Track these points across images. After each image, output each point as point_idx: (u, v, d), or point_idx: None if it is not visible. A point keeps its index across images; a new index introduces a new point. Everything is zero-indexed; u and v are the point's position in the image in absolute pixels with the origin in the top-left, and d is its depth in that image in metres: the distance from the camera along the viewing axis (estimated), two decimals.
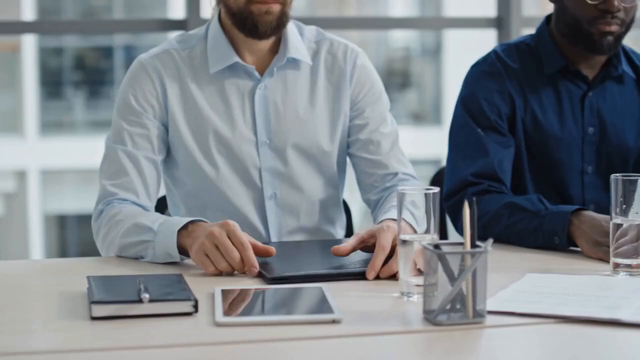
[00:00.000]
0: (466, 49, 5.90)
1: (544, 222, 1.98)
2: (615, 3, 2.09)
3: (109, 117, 2.24)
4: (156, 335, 1.45)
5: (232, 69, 2.10)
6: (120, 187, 2.04)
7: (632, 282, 1.71)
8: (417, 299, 1.58)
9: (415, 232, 1.79)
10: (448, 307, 1.47)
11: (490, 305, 1.53)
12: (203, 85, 2.10)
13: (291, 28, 2.12)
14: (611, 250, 1.78)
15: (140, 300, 1.52)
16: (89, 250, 2.21)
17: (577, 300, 1.56)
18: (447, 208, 2.16)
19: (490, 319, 1.48)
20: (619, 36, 2.15)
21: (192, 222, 1.87)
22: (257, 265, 1.76)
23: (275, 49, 2.13)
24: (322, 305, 1.54)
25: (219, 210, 2.10)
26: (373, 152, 2.16)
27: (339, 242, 1.96)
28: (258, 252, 1.79)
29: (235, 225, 1.79)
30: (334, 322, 1.48)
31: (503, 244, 2.04)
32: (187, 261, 1.88)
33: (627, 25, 2.15)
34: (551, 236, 1.97)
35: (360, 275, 1.74)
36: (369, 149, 2.16)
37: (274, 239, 2.14)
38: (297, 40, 2.13)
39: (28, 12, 10.40)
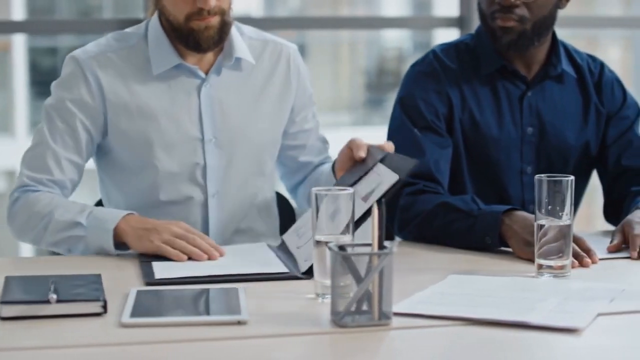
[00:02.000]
0: None
1: (476, 222, 1.96)
2: None
3: None
4: (63, 335, 1.44)
5: (176, 68, 2.09)
6: (39, 182, 2.05)
7: (553, 283, 1.69)
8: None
9: None
10: (353, 308, 1.45)
11: (401, 307, 1.52)
12: (146, 84, 2.08)
13: (232, 28, 2.12)
14: (535, 251, 1.76)
15: (47, 301, 1.51)
16: None
17: (492, 302, 1.55)
18: None
19: (397, 321, 1.47)
20: (523, 33, 2.11)
21: (126, 215, 1.94)
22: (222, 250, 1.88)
23: (218, 48, 2.12)
24: (232, 307, 1.53)
25: (162, 208, 2.09)
26: (300, 146, 2.25)
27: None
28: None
29: (185, 224, 1.91)
30: (239, 323, 1.47)
31: (437, 244, 2.03)
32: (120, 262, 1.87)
33: (534, 23, 2.11)
34: (483, 236, 1.95)
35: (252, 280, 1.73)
36: (298, 143, 2.24)
37: (213, 237, 2.13)
38: (240, 40, 2.14)
39: (18, 12, 10.40)
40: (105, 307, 1.53)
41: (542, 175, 1.74)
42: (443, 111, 2.18)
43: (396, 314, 1.48)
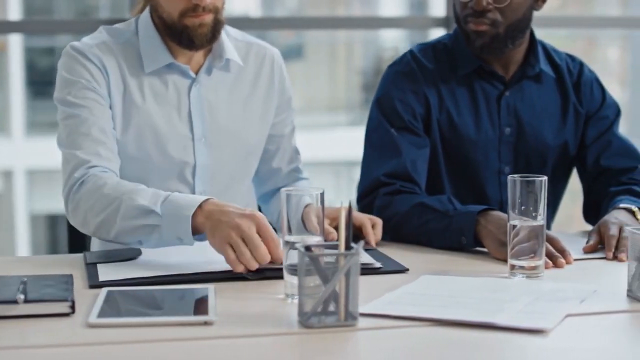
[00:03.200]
0: None
1: (452, 222, 1.96)
2: (484, 3, 2.07)
3: None
4: (29, 336, 1.44)
5: (167, 67, 2.10)
6: (93, 154, 1.96)
7: (525, 284, 1.69)
8: None
9: None
10: (320, 309, 1.45)
11: (370, 307, 1.52)
12: (140, 81, 2.08)
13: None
14: (508, 251, 1.76)
15: (15, 301, 1.50)
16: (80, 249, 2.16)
17: (461, 303, 1.54)
18: (360, 209, 2.14)
19: (364, 322, 1.46)
20: (496, 37, 2.11)
21: (205, 201, 1.79)
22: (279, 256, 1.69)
23: (207, 48, 2.13)
24: (200, 307, 1.53)
25: None
26: (274, 150, 2.25)
27: None
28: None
29: (263, 218, 1.72)
30: (206, 323, 1.47)
31: (414, 244, 2.03)
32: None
33: (507, 27, 2.11)
34: (459, 236, 1.95)
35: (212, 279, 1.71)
36: (273, 147, 2.25)
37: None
38: (228, 42, 2.15)
39: (14, 12, 10.41)
40: (73, 307, 1.52)
41: (515, 175, 1.74)
42: (420, 111, 2.17)
43: (363, 315, 1.48)
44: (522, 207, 1.73)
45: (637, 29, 7.20)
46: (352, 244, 1.46)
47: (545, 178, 1.72)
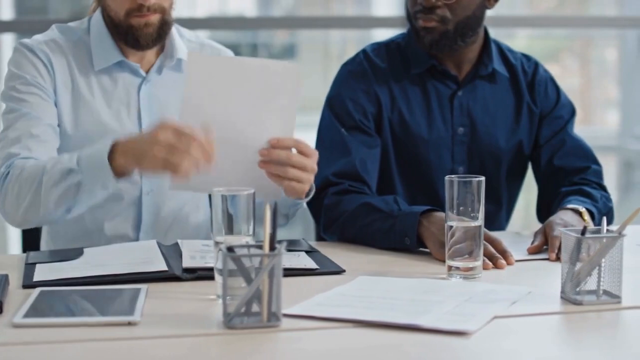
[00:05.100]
0: None
1: (395, 223, 1.95)
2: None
3: None
4: None
5: (117, 65, 2.11)
6: (23, 147, 1.97)
7: (460, 285, 1.67)
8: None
9: None
10: (243, 310, 1.44)
11: (297, 308, 1.51)
12: (89, 78, 2.09)
13: (173, 30, 2.15)
14: (446, 252, 1.74)
15: None
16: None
17: (391, 304, 1.53)
18: (310, 209, 2.13)
19: (288, 323, 1.45)
20: (445, 34, 2.10)
21: (114, 141, 1.80)
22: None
23: (159, 47, 2.14)
24: (126, 307, 1.52)
25: (94, 203, 2.08)
26: None
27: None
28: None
29: (172, 121, 1.73)
30: (130, 324, 1.46)
31: (359, 244, 2.02)
32: None
33: (456, 24, 2.10)
34: (402, 237, 1.93)
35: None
36: None
37: (145, 233, 2.13)
38: (180, 42, 2.16)
39: (6, 12, 10.40)
40: (1, 307, 1.52)
41: (453, 176, 1.72)
42: (372, 110, 2.16)
43: (288, 316, 1.47)
44: (461, 208, 1.72)
45: (633, 29, 7.18)
46: (276, 245, 1.45)
47: (482, 178, 1.71)
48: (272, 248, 1.45)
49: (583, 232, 1.56)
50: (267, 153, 1.80)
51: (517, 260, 1.85)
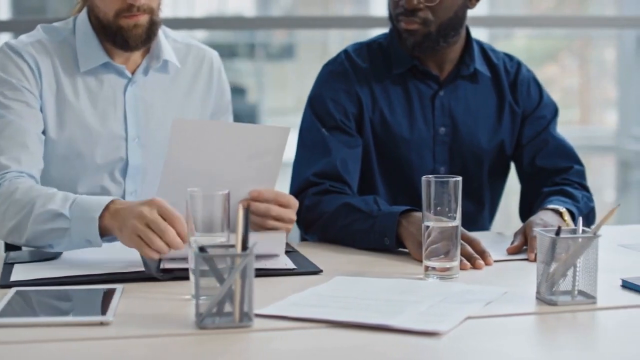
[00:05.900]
0: None
1: (375, 223, 1.95)
2: (414, 1, 2.06)
3: None
4: None
5: (103, 67, 2.10)
6: (13, 159, 1.95)
7: (437, 286, 1.67)
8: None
9: None
10: (215, 310, 1.44)
11: (269, 309, 1.50)
12: (74, 80, 2.08)
13: (159, 31, 2.14)
14: (423, 252, 1.74)
15: None
16: None
17: (364, 304, 1.52)
18: None
19: (261, 323, 1.45)
20: (427, 35, 2.10)
21: (111, 202, 1.79)
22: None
23: (145, 48, 2.13)
24: (99, 307, 1.53)
25: None
26: None
27: None
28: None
29: (162, 201, 1.72)
30: (102, 324, 1.46)
31: (339, 245, 2.02)
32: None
33: (439, 25, 2.10)
34: (382, 237, 1.93)
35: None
36: None
37: None
38: (166, 43, 2.16)
39: (4, 11, 10.40)
40: None
41: (430, 176, 1.72)
42: (353, 111, 2.16)
43: (260, 316, 1.47)
44: (438, 208, 1.71)
45: (631, 29, 7.17)
46: (248, 244, 1.45)
47: (459, 179, 1.70)
48: (244, 248, 1.45)
49: (558, 233, 1.56)
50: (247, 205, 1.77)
51: (495, 261, 1.84)
